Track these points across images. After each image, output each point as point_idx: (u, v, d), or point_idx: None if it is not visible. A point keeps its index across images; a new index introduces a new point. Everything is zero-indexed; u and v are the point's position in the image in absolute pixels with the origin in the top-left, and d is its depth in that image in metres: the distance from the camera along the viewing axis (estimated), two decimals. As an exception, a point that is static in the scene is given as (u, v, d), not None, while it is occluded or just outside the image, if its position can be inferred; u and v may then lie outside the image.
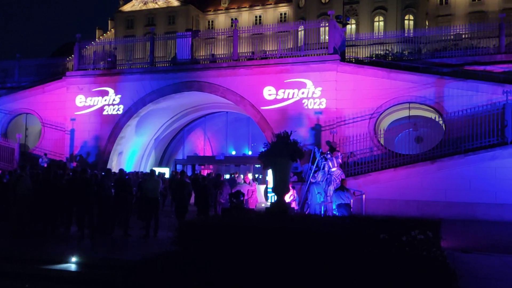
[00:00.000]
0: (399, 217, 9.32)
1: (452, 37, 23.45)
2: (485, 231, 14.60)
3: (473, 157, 16.92)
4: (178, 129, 28.95)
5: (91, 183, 12.76)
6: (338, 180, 16.41)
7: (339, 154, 17.97)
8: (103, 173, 13.96)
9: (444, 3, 56.04)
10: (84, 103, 24.68)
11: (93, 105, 24.51)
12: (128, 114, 23.92)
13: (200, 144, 30.21)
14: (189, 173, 27.14)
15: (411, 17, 54.18)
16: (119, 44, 27.77)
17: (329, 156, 17.37)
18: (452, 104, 18.52)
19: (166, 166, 28.31)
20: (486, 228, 15.11)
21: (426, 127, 20.63)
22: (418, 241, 6.88)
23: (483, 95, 18.02)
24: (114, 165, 23.74)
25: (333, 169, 17.24)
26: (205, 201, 14.81)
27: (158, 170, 23.47)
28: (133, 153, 26.05)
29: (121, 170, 14.38)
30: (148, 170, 24.34)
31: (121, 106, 24.06)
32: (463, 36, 23.44)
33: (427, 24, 54.00)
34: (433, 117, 19.63)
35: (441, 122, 19.16)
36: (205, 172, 26.69)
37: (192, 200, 15.19)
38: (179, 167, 28.37)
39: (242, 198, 13.82)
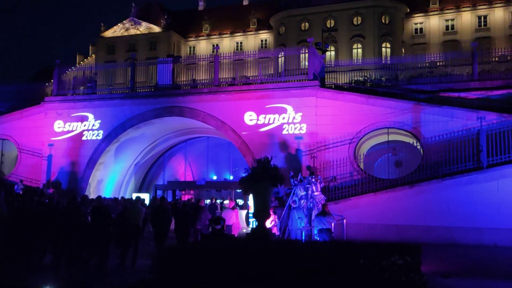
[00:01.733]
0: (379, 242, 9.33)
1: (427, 64, 24.16)
2: (464, 255, 14.71)
3: (450, 181, 17.18)
4: (159, 154, 28.74)
5: (79, 210, 12.49)
6: (320, 205, 16.42)
7: (321, 178, 18.05)
8: (79, 199, 13.68)
9: (419, 32, 57.94)
10: (62, 128, 24.37)
11: (72, 131, 24.23)
12: (108, 139, 23.70)
13: (181, 169, 29.99)
14: (169, 198, 26.82)
15: (388, 45, 55.79)
16: (99, 69, 27.74)
17: (313, 180, 17.39)
18: (429, 130, 18.90)
19: (146, 191, 27.94)
20: (465, 252, 15.23)
21: (404, 152, 20.97)
22: (397, 266, 6.90)
23: (459, 121, 18.47)
24: (93, 191, 23.33)
25: (316, 193, 17.25)
26: (185, 227, 14.61)
27: (138, 196, 23.15)
28: (113, 179, 25.68)
29: (99, 197, 14.14)
30: (127, 196, 24.05)
31: (101, 132, 23.83)
32: (438, 63, 24.17)
33: (403, 51, 55.60)
34: (411, 142, 19.97)
35: (419, 147, 19.50)
36: (186, 198, 26.43)
37: (173, 226, 14.97)
38: (159, 192, 27.99)
39: (222, 224, 13.68)
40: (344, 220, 16.40)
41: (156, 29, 65.91)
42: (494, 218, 16.38)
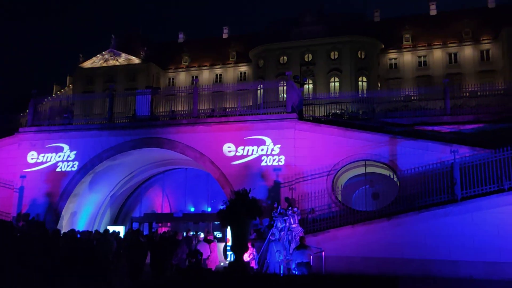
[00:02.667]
0: (358, 275, 9.30)
1: (402, 98, 24.80)
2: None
3: (426, 213, 17.32)
4: (136, 185, 28.30)
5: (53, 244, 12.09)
6: (298, 237, 16.34)
7: (298, 210, 18.02)
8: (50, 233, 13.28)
9: (393, 67, 59.77)
10: (36, 159, 23.84)
11: (46, 162, 23.71)
12: (84, 170, 23.26)
13: (158, 201, 29.52)
14: (146, 231, 26.26)
15: (364, 79, 57.31)
16: (77, 100, 27.51)
17: (290, 212, 17.34)
18: (405, 162, 19.17)
19: (122, 224, 27.31)
20: (441, 285, 15.25)
21: (382, 184, 21.16)
22: (376, 300, 6.85)
23: (433, 154, 18.82)
24: (65, 224, 22.69)
25: (294, 226, 17.20)
26: (161, 261, 14.28)
27: (112, 228, 22.64)
28: (87, 211, 25.05)
29: (72, 231, 13.76)
30: (102, 229, 23.44)
31: (76, 163, 23.40)
32: (412, 98, 24.85)
33: (379, 85, 57.16)
34: (388, 174, 20.21)
35: (395, 179, 19.73)
36: (163, 230, 25.94)
37: (148, 259, 14.60)
38: (135, 225, 27.38)
39: (200, 258, 13.46)
40: (323, 253, 16.30)
41: (136, 60, 66.18)
42: (470, 251, 16.50)
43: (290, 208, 17.59)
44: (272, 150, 20.74)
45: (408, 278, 14.59)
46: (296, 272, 13.92)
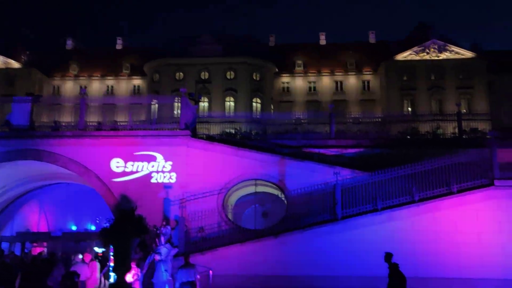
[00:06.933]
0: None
1: (293, 121, 26.02)
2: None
3: (310, 232, 18.09)
4: (8, 201, 25.51)
5: None
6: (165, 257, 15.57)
7: (169, 227, 17.17)
8: None
9: (286, 90, 62.76)
10: None
11: None
12: None
13: (34, 218, 26.96)
14: (18, 251, 23.85)
15: (259, 100, 59.32)
16: None
17: (161, 230, 16.30)
18: (293, 182, 19.93)
19: (-11, 244, 24.36)
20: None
21: (271, 203, 21.76)
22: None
23: (319, 175, 19.80)
24: None
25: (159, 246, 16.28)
26: (32, 284, 12.95)
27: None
28: None
29: None
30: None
31: None
32: (302, 121, 26.19)
33: (272, 107, 59.48)
34: (277, 194, 20.85)
35: (284, 198, 20.43)
36: (38, 251, 23.81)
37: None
38: (5, 245, 24.67)
39: (77, 280, 12.45)
40: (210, 272, 16.13)
41: (16, 64, 60.64)
42: (348, 267, 17.51)
43: (159, 226, 16.63)
44: (164, 167, 20.24)
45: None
46: (181, 293, 13.54)
